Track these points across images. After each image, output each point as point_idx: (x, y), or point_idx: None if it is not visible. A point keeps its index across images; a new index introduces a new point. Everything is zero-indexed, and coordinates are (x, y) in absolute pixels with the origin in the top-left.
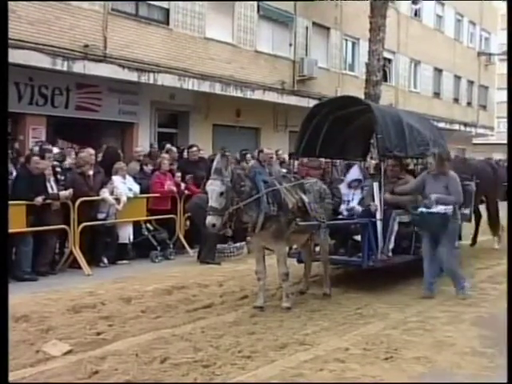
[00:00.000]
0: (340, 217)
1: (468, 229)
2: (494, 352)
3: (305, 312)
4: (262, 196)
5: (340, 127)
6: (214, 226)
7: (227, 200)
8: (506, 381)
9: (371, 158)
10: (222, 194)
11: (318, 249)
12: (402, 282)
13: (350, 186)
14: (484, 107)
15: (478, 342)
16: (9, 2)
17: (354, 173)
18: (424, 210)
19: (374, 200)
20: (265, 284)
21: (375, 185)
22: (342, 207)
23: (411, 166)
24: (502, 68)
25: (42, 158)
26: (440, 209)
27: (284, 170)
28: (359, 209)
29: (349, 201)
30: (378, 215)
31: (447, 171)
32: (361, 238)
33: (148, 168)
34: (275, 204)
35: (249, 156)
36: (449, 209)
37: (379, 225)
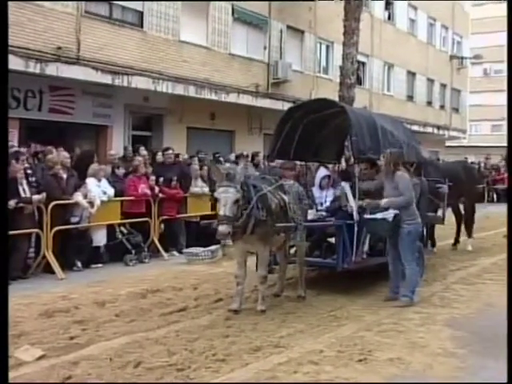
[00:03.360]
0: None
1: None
2: (466, 352)
3: (279, 315)
4: (253, 201)
5: (314, 130)
6: (228, 234)
7: (239, 207)
8: (505, 381)
9: (346, 160)
10: (236, 201)
11: (292, 251)
12: (375, 284)
13: (321, 185)
14: (456, 110)
15: (450, 343)
16: None
17: (322, 171)
18: (369, 216)
19: (347, 201)
20: (243, 288)
21: (346, 186)
22: (309, 212)
23: None
24: (474, 72)
25: (16, 160)
26: (384, 214)
27: (257, 173)
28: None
29: (322, 203)
30: (355, 217)
31: (395, 171)
32: (335, 239)
33: (120, 171)
34: (264, 209)
35: (222, 159)
36: (390, 214)
37: (354, 227)
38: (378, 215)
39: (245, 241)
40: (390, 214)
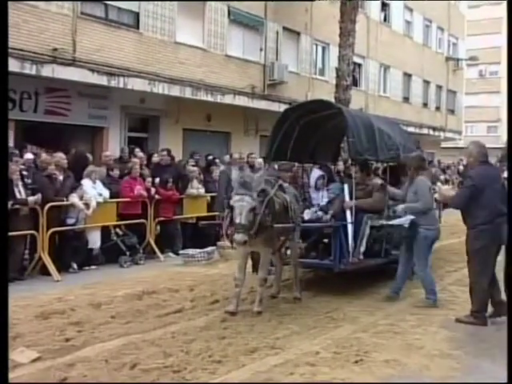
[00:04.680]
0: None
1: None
2: (461, 354)
3: (275, 316)
4: (263, 207)
5: (311, 131)
6: (245, 242)
7: (255, 214)
8: (506, 381)
9: (344, 162)
10: (252, 209)
11: (288, 252)
12: (372, 285)
13: (316, 186)
14: (452, 112)
15: (445, 345)
16: None
17: (316, 172)
18: (384, 222)
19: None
20: (241, 291)
21: (346, 187)
22: (306, 211)
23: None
24: (470, 73)
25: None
26: (399, 221)
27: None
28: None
29: (318, 204)
30: (349, 218)
31: (417, 176)
32: (332, 240)
33: (115, 173)
34: (270, 214)
35: (218, 161)
36: (406, 221)
37: (350, 228)
38: (396, 221)
39: (248, 243)
40: (406, 221)
